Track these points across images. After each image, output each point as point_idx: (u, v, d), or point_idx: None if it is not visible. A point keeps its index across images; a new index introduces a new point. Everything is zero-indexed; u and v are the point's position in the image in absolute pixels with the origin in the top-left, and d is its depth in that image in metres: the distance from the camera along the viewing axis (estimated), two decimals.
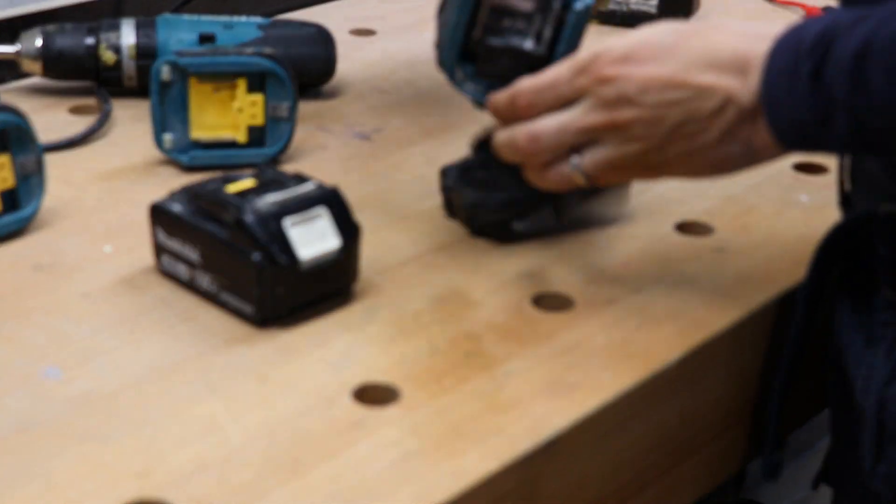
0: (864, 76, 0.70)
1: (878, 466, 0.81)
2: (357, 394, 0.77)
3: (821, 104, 0.72)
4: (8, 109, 0.90)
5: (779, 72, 0.74)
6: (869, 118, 0.71)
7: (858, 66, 0.70)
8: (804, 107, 0.73)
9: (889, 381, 0.80)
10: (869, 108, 0.70)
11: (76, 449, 0.71)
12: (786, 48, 0.74)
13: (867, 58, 0.70)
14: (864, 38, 0.70)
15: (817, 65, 0.72)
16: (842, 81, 0.71)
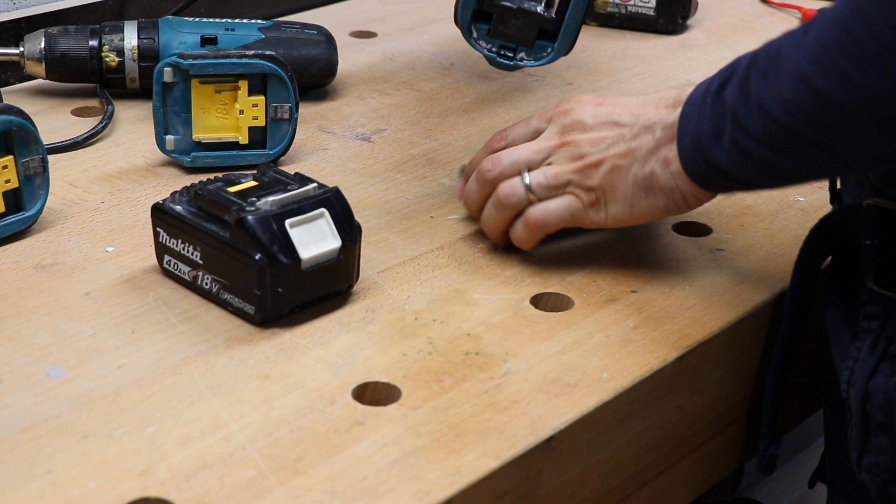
0: (748, 83, 0.77)
1: (864, 457, 0.82)
2: (357, 393, 0.77)
3: (717, 116, 0.79)
4: (12, 111, 0.91)
5: (697, 93, 0.82)
6: (749, 122, 0.77)
7: (746, 75, 0.77)
8: (705, 119, 0.80)
9: (873, 372, 0.80)
10: (748, 112, 0.77)
11: (78, 447, 0.71)
12: (712, 74, 0.82)
13: (754, 66, 0.77)
14: (756, 50, 0.78)
15: (723, 81, 0.80)
16: (734, 92, 0.78)
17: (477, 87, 1.23)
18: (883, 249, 0.80)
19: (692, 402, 0.87)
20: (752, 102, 0.77)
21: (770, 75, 0.75)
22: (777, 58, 0.75)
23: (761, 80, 0.76)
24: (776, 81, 0.75)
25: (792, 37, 0.75)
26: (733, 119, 0.78)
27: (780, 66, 0.75)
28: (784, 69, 0.74)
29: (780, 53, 0.75)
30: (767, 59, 0.76)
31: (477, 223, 0.98)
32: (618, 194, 0.87)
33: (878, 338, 0.81)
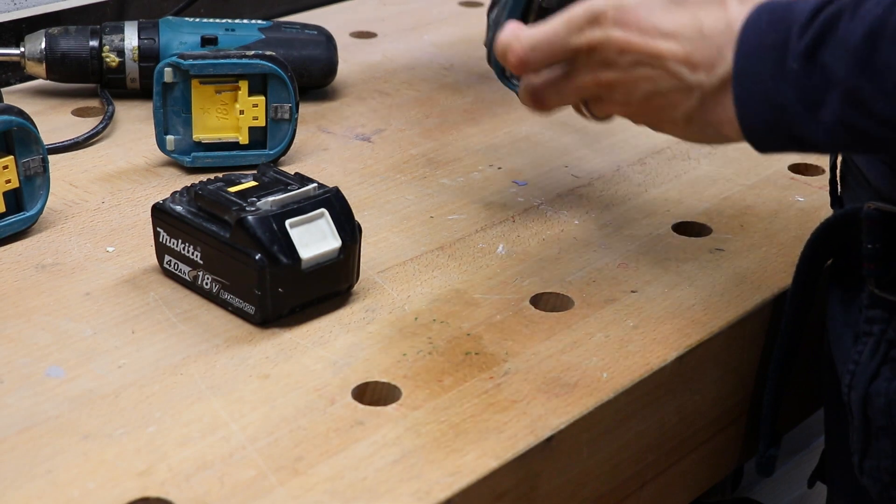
0: (872, 54, 0.66)
1: (866, 461, 0.82)
2: (357, 393, 0.77)
3: (811, 86, 0.68)
4: (12, 111, 0.91)
5: (759, 48, 0.70)
6: (875, 103, 0.67)
7: (870, 46, 0.66)
8: (787, 87, 0.69)
9: (874, 376, 0.80)
10: (879, 91, 0.66)
11: (78, 447, 0.71)
12: (768, 22, 0.70)
13: (882, 37, 0.65)
14: (878, 17, 0.66)
15: (813, 44, 0.68)
16: (842, 61, 0.67)
17: (477, 87, 1.23)
18: (884, 253, 0.80)
19: (692, 402, 0.87)
20: (884, 81, 0.66)
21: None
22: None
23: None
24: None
25: None
26: (847, 96, 0.67)
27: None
28: None
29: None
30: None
31: (477, 223, 0.98)
32: (668, 131, 0.79)
33: (880, 341, 0.81)
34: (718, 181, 1.06)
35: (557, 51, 0.78)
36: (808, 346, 0.91)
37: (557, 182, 1.05)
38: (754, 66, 0.70)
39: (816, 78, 0.68)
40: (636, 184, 1.05)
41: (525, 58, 0.79)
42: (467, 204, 1.01)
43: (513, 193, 1.03)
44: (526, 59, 0.79)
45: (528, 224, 0.98)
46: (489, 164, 1.08)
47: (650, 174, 1.07)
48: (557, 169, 1.07)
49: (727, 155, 1.11)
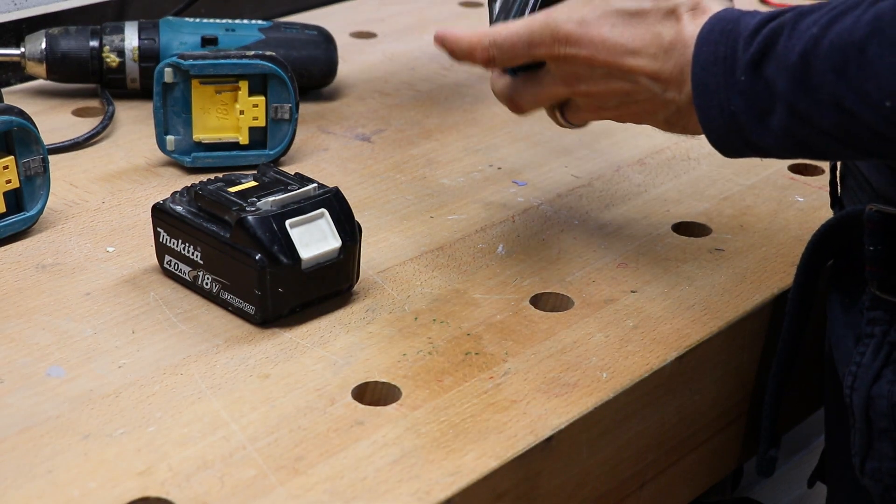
0: (808, 74, 0.70)
1: (867, 463, 0.82)
2: (357, 393, 0.77)
3: (758, 96, 0.72)
4: (13, 111, 0.91)
5: (712, 61, 0.74)
6: (814, 117, 0.70)
7: (805, 64, 0.70)
8: (736, 95, 0.73)
9: (876, 378, 0.80)
10: (816, 106, 0.70)
11: (79, 447, 0.71)
12: (719, 33, 0.74)
13: (816, 56, 0.69)
14: (813, 36, 0.70)
15: (756, 58, 0.72)
16: (784, 79, 0.71)
17: (477, 87, 1.23)
18: (886, 255, 0.80)
19: (692, 402, 0.87)
20: (820, 97, 0.69)
21: (853, 74, 0.67)
22: (861, 57, 0.67)
23: (835, 77, 0.68)
24: (870, 84, 0.67)
25: (875, 31, 0.67)
26: (789, 109, 0.71)
27: (869, 68, 0.67)
28: (882, 74, 0.66)
29: (867, 52, 0.67)
30: (842, 52, 0.68)
31: (477, 223, 0.98)
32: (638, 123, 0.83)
33: (882, 343, 0.81)
34: (718, 181, 1.06)
35: (520, 52, 0.81)
36: (808, 346, 0.91)
37: (557, 182, 1.05)
38: (709, 77, 0.74)
39: (761, 90, 0.72)
40: (636, 184, 1.05)
41: (489, 55, 0.82)
42: (467, 204, 1.01)
43: (513, 193, 1.03)
44: (491, 57, 0.82)
45: (528, 224, 0.98)
46: (489, 164, 1.08)
47: (650, 174, 1.07)
48: (557, 169, 1.07)
49: None
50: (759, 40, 0.72)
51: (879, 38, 0.67)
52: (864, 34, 0.67)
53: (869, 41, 0.67)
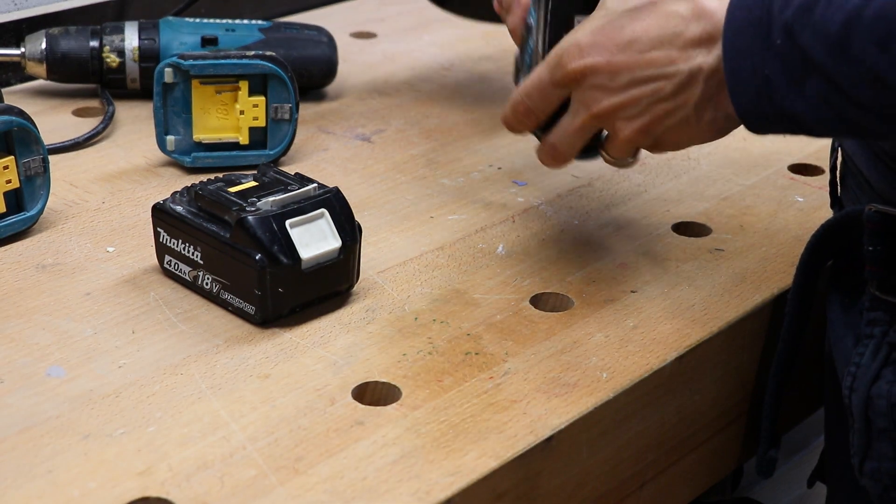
0: (847, 44, 0.68)
1: (866, 463, 0.82)
2: (357, 393, 0.77)
3: (793, 62, 0.70)
4: (13, 111, 0.91)
5: (746, 23, 0.72)
6: (852, 89, 0.69)
7: (846, 36, 0.68)
8: (772, 59, 0.71)
9: (875, 378, 0.80)
10: (855, 78, 0.68)
11: (79, 447, 0.71)
12: (750, 3, 0.72)
13: (857, 28, 0.67)
14: (856, 6, 0.67)
15: (792, 23, 0.70)
16: (819, 46, 0.69)
17: (477, 87, 1.23)
18: (886, 255, 0.80)
19: (692, 402, 0.87)
20: (860, 70, 0.68)
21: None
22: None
23: (878, 50, 0.66)
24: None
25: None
26: (826, 77, 0.69)
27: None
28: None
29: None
30: (887, 25, 0.66)
31: (477, 223, 0.98)
32: (687, 139, 0.80)
33: (881, 343, 0.81)
34: (718, 181, 1.06)
35: (547, 88, 0.81)
36: (808, 346, 0.91)
37: (557, 182, 1.05)
38: (742, 40, 0.72)
39: (797, 56, 0.70)
40: (636, 184, 1.05)
41: (525, 107, 0.83)
42: (467, 204, 1.01)
43: (513, 193, 1.03)
44: (528, 108, 0.83)
45: (528, 224, 0.98)
46: (489, 164, 1.08)
47: (650, 174, 1.07)
48: (557, 169, 1.07)
49: (727, 155, 1.11)
50: (796, 4, 0.69)
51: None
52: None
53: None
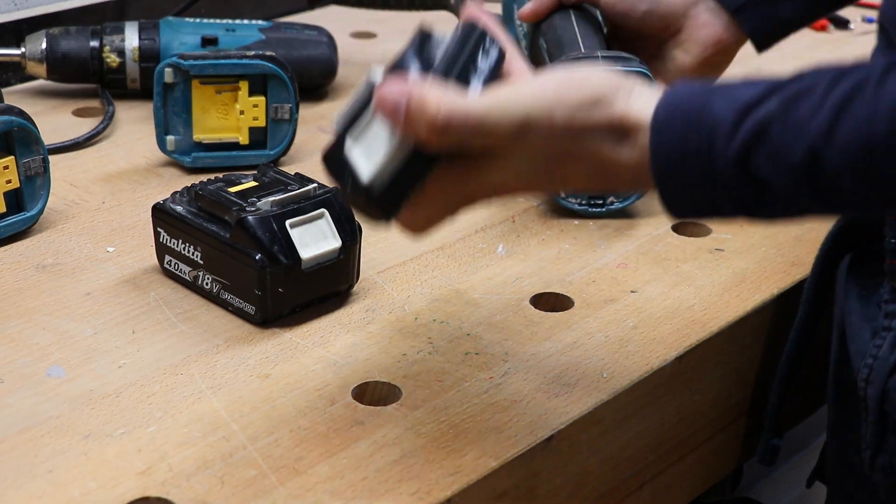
0: (819, 176, 0.62)
1: (878, 457, 0.82)
2: (357, 393, 0.77)
3: (748, 194, 0.64)
4: (13, 111, 0.91)
5: (681, 155, 0.65)
6: (822, 211, 0.67)
7: (813, 164, 0.62)
8: (723, 192, 0.65)
9: (892, 371, 0.80)
10: (827, 203, 0.64)
11: (79, 447, 0.71)
12: (683, 124, 0.65)
13: (825, 157, 0.62)
14: (822, 133, 0.62)
15: (744, 153, 0.63)
16: (787, 177, 0.63)
17: None
18: None
19: (692, 402, 0.87)
20: (835, 198, 0.63)
21: (881, 177, 0.61)
22: (890, 157, 0.61)
23: (857, 179, 0.62)
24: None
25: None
26: (786, 203, 0.64)
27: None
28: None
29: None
30: (863, 153, 0.61)
31: (477, 223, 0.98)
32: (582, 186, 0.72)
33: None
34: None
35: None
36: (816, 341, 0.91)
37: None
38: (678, 172, 0.65)
39: (751, 188, 0.64)
40: None
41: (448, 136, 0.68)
42: None
43: None
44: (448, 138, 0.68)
45: (528, 224, 0.98)
46: None
47: None
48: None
49: None
50: (743, 133, 0.63)
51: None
52: (888, 130, 0.61)
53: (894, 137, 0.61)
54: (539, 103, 0.66)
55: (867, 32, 1.44)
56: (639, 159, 0.66)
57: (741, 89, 0.65)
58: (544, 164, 0.67)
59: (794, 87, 0.64)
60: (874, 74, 0.62)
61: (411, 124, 0.66)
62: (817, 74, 0.64)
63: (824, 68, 0.64)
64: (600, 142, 0.66)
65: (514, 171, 0.68)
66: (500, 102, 0.66)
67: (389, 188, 0.67)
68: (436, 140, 0.66)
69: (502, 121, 0.65)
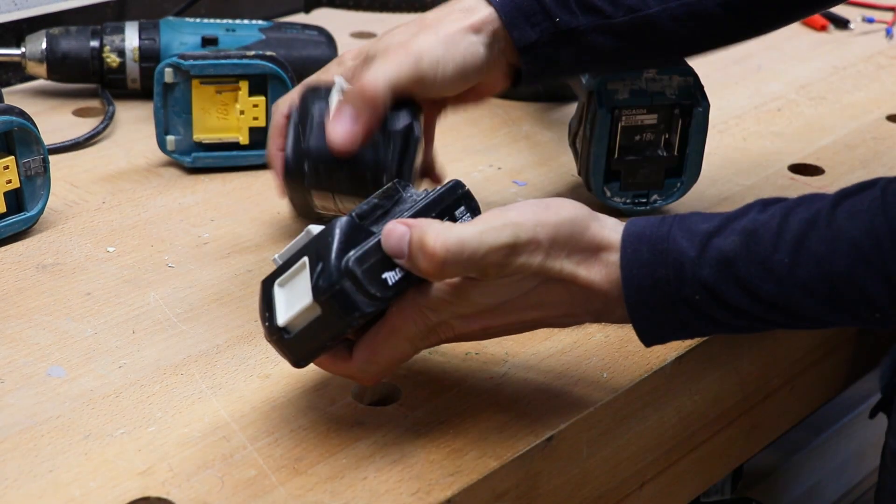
0: (791, 306, 0.69)
1: None
2: (357, 393, 0.77)
3: (715, 314, 0.71)
4: (13, 111, 0.91)
5: (650, 284, 0.71)
6: (798, 325, 0.72)
7: (781, 295, 0.69)
8: (690, 312, 0.71)
9: None
10: (799, 320, 0.71)
11: (80, 447, 0.71)
12: (647, 251, 0.71)
13: (791, 287, 0.69)
14: (783, 265, 0.69)
15: (710, 285, 0.70)
16: (758, 307, 0.70)
17: None
18: None
19: (691, 402, 0.87)
20: (807, 319, 0.71)
21: (848, 303, 0.69)
22: (852, 287, 0.68)
23: (828, 307, 0.69)
24: (873, 305, 0.68)
25: (859, 260, 0.67)
26: (765, 321, 0.71)
27: (863, 292, 0.68)
28: (881, 299, 0.68)
29: (857, 282, 0.68)
30: (829, 284, 0.68)
31: None
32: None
33: None
34: (718, 181, 1.06)
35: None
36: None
37: (557, 182, 1.05)
38: (649, 299, 0.71)
39: (728, 314, 0.70)
40: None
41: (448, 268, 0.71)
42: None
43: (513, 193, 1.03)
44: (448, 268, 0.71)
45: None
46: (489, 164, 1.08)
47: None
48: (557, 169, 1.07)
49: (727, 155, 1.11)
50: (710, 264, 0.70)
51: (865, 268, 0.67)
52: (848, 265, 0.68)
53: (856, 272, 0.67)
54: (525, 223, 0.70)
55: (867, 32, 1.44)
56: (610, 277, 0.71)
57: (697, 222, 0.71)
58: (527, 284, 0.71)
59: (748, 221, 0.70)
60: (824, 209, 0.69)
61: (413, 259, 0.69)
62: (764, 209, 0.70)
63: (768, 201, 0.71)
64: (577, 261, 0.71)
65: (495, 294, 0.71)
66: (489, 225, 0.70)
67: (302, 335, 0.70)
68: (435, 272, 0.69)
69: (495, 243, 0.69)
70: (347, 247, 0.69)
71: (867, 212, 0.68)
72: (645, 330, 0.72)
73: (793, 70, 1.32)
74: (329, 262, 0.68)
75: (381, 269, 0.70)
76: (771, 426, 0.98)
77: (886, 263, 0.67)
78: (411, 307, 0.71)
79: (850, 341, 1.03)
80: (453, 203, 0.74)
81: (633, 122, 0.97)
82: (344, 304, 0.68)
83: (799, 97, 1.25)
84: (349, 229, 0.70)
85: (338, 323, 0.69)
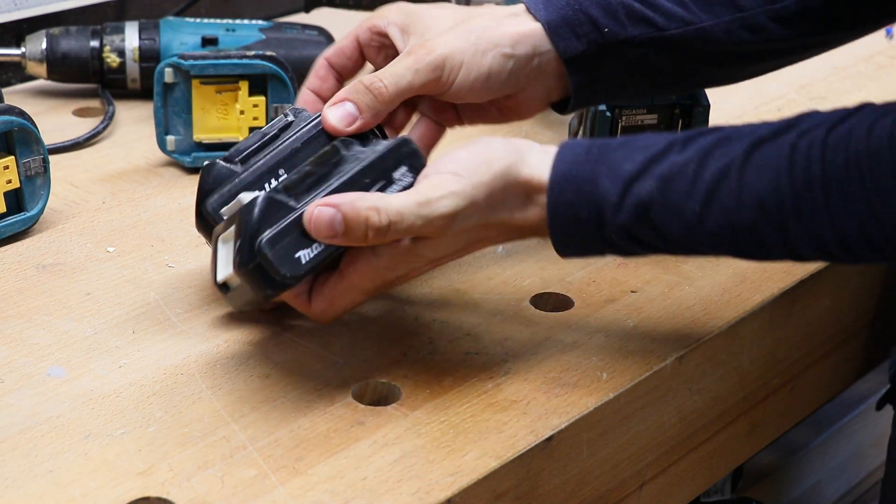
0: (697, 250, 0.76)
1: None
2: (357, 393, 0.77)
3: (633, 247, 0.76)
4: (13, 111, 0.91)
5: (574, 221, 0.75)
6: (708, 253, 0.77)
7: (691, 239, 0.75)
8: (610, 248, 0.77)
9: None
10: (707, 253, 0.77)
11: (80, 447, 0.71)
12: (572, 193, 0.75)
13: (700, 234, 0.74)
14: (693, 213, 0.73)
15: (629, 226, 0.74)
16: (669, 247, 0.76)
17: None
18: None
19: (691, 402, 0.87)
20: (711, 255, 0.78)
21: (751, 253, 0.75)
22: (755, 237, 0.73)
23: (734, 252, 0.75)
24: (775, 255, 0.74)
25: (762, 216, 0.72)
26: (675, 253, 0.78)
27: (766, 247, 0.74)
28: (784, 249, 0.73)
29: (760, 234, 0.73)
30: (734, 234, 0.74)
31: None
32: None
33: None
34: None
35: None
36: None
37: None
38: (573, 235, 0.76)
39: (642, 248, 0.76)
40: None
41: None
42: None
43: None
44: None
45: None
46: None
47: None
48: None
49: None
50: (628, 210, 0.74)
51: (766, 223, 0.72)
52: (751, 219, 0.72)
53: (758, 226, 0.72)
54: (462, 191, 0.75)
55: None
56: (540, 215, 0.76)
57: (621, 160, 0.74)
58: (472, 235, 0.77)
59: (666, 166, 0.73)
60: (737, 159, 0.72)
61: (349, 237, 0.73)
62: (683, 148, 0.74)
63: (688, 136, 0.75)
64: (512, 207, 0.76)
65: (444, 248, 0.77)
66: (426, 197, 0.74)
67: (237, 294, 0.76)
68: (379, 241, 0.74)
69: (433, 214, 0.74)
70: (263, 226, 0.72)
71: (774, 169, 0.72)
72: (569, 256, 0.78)
73: (793, 70, 1.31)
74: (245, 241, 0.72)
75: (295, 249, 0.73)
76: (771, 426, 0.98)
77: (786, 220, 0.72)
78: (366, 267, 0.76)
79: (850, 341, 1.03)
80: (393, 164, 0.78)
81: (633, 121, 0.97)
82: (257, 282, 0.73)
83: (799, 97, 1.25)
84: (267, 206, 0.72)
85: (259, 294, 0.74)
